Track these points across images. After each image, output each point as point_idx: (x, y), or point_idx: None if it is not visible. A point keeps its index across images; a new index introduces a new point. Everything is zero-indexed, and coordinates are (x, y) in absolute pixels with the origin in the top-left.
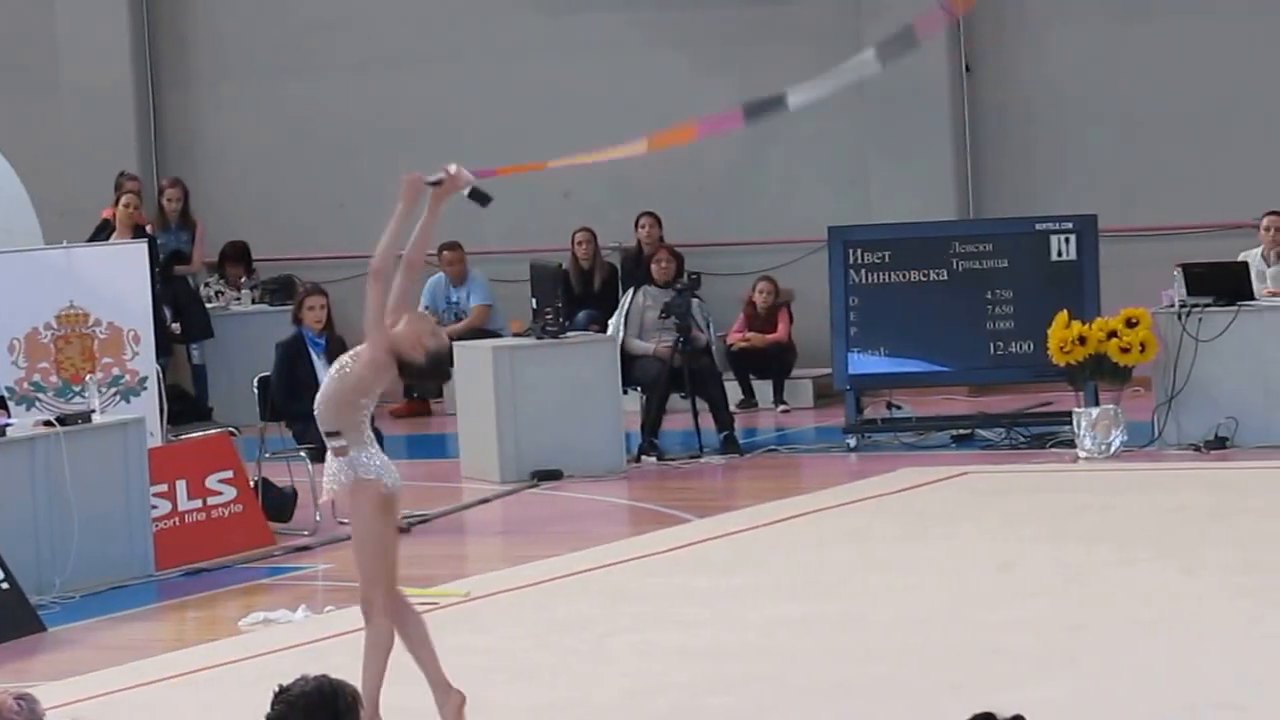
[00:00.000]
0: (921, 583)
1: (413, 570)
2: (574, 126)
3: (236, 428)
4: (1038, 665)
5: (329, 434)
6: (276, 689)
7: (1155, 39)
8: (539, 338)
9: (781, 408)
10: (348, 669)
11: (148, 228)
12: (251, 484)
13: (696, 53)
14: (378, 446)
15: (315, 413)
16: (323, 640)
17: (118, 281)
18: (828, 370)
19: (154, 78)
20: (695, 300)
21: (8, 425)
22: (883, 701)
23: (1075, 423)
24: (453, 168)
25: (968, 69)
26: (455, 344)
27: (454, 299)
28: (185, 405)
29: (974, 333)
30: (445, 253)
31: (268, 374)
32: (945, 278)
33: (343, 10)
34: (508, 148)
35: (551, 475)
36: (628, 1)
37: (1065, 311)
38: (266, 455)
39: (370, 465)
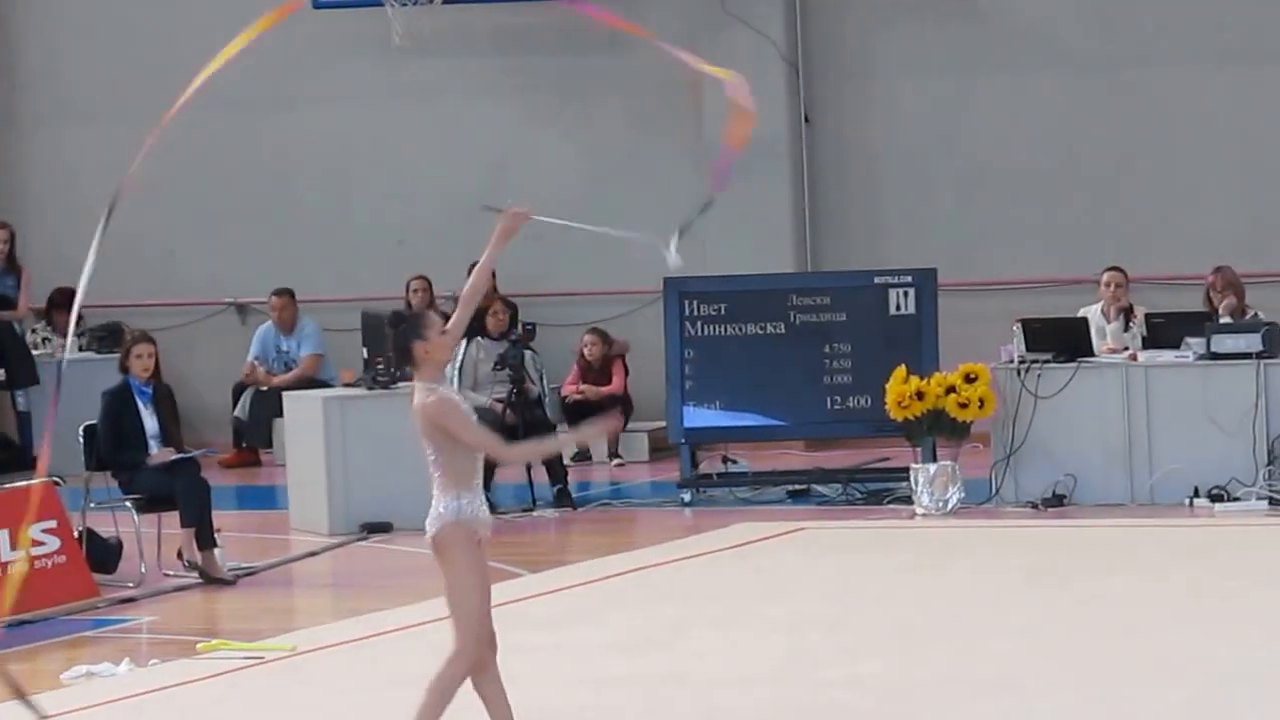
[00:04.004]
0: (755, 640)
1: (238, 624)
2: (406, 173)
3: (61, 477)
4: None
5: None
6: None
7: (996, 93)
8: (370, 388)
9: (616, 461)
10: None
11: None
12: (76, 534)
13: (530, 101)
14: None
15: None
16: (146, 694)
17: None
18: (663, 423)
19: None
20: (528, 352)
21: None
22: None
23: (913, 479)
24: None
25: (807, 120)
26: (285, 395)
27: (284, 348)
28: (9, 453)
29: (811, 387)
30: (275, 299)
31: (94, 423)
32: (782, 331)
33: (174, 54)
34: (339, 193)
35: (381, 528)
36: (462, 49)
37: (903, 366)
38: (91, 505)
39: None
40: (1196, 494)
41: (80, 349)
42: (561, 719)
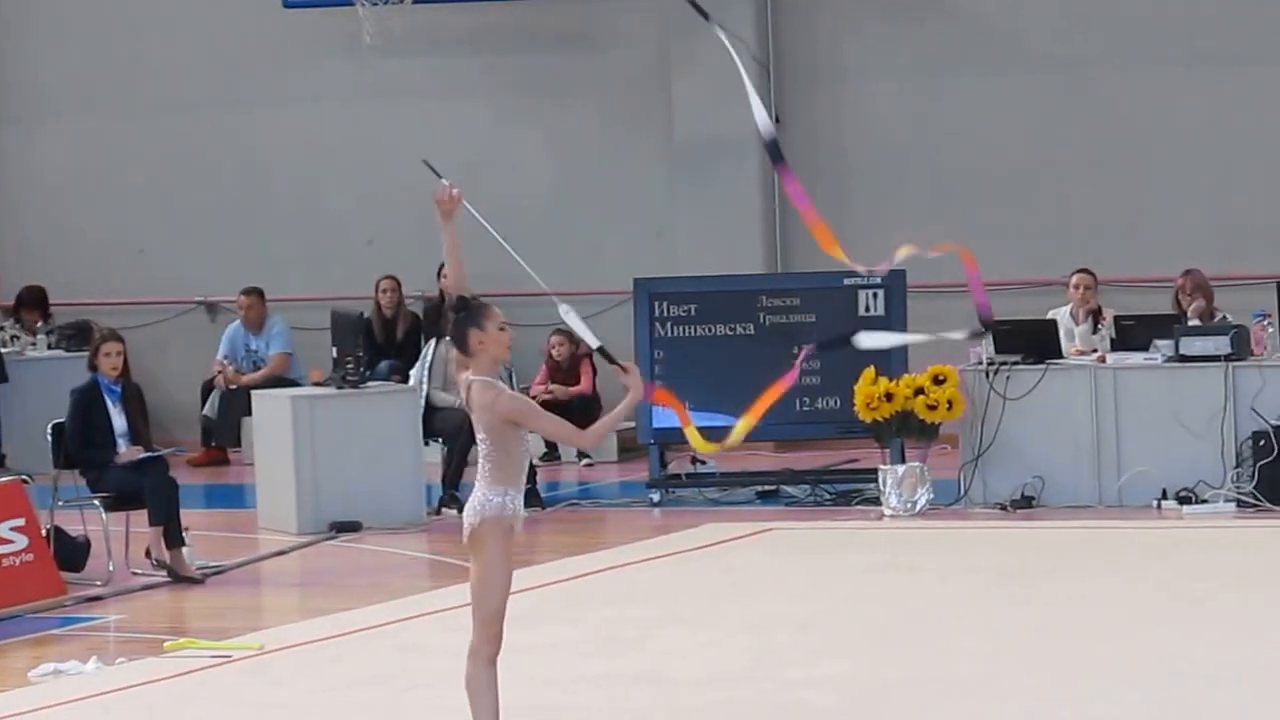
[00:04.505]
0: (725, 640)
1: (206, 622)
2: (376, 172)
3: (29, 475)
4: None
5: None
6: None
7: (967, 94)
8: (339, 387)
9: (584, 461)
10: None
11: None
12: (44, 532)
13: (502, 101)
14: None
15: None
16: (113, 693)
17: None
18: (632, 424)
19: None
20: None
21: None
22: None
23: (881, 480)
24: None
25: (778, 121)
26: (254, 393)
27: (253, 346)
28: None
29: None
30: (243, 298)
31: (62, 421)
32: (752, 331)
33: (146, 52)
34: (309, 192)
35: (350, 527)
36: (433, 48)
37: (872, 368)
38: (60, 503)
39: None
40: (1164, 496)
41: (49, 347)
42: (533, 718)
